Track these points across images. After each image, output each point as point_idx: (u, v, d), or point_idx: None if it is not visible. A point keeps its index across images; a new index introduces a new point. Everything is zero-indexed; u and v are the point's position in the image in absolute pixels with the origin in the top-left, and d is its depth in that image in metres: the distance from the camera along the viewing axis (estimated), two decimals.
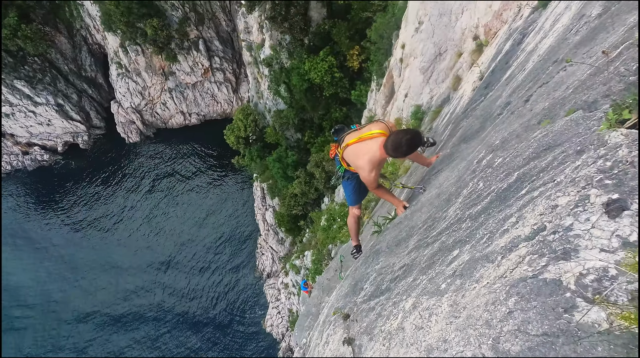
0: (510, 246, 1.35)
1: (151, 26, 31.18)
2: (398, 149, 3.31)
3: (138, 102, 37.53)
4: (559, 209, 1.17)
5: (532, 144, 1.88)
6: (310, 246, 23.77)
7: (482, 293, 1.30)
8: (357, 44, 24.80)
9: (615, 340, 0.79)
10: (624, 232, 0.93)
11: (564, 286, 0.94)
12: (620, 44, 1.80)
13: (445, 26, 10.76)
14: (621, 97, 1.44)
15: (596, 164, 1.17)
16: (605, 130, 1.33)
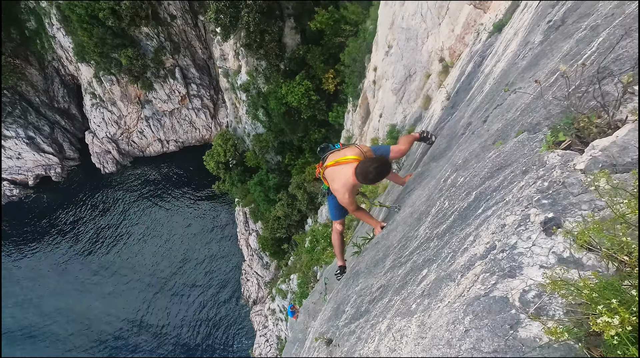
0: (468, 264, 1.42)
1: (126, 56, 31.16)
2: (367, 177, 3.45)
3: (114, 131, 36.92)
4: (506, 228, 1.25)
5: (488, 164, 2.00)
6: (295, 269, 23.41)
7: (444, 312, 1.35)
8: (332, 68, 25.50)
9: (554, 352, 0.85)
10: (558, 249, 1.01)
11: (510, 303, 1.00)
12: (557, 70, 1.97)
13: (412, 50, 11.28)
14: (557, 120, 1.57)
15: (536, 185, 1.27)
16: (545, 151, 1.44)
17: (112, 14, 29.02)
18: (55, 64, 38.14)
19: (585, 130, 1.31)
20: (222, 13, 23.14)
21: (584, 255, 0.95)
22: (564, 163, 1.24)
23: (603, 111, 1.34)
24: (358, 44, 20.99)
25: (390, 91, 13.24)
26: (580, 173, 1.13)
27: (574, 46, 1.89)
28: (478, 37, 6.63)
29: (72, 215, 37.24)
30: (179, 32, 33.58)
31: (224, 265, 35.37)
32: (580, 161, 1.16)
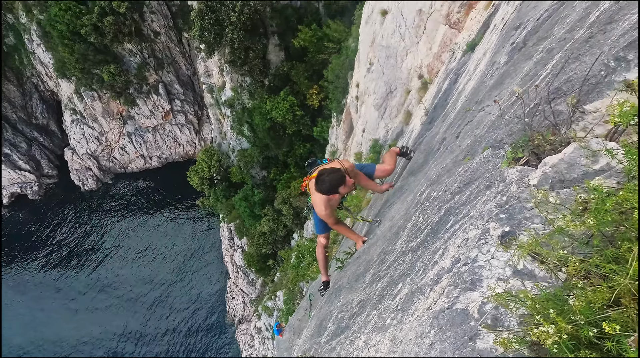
0: (436, 278, 1.46)
1: (108, 72, 30.87)
2: (321, 187, 3.56)
3: (94, 148, 36.18)
4: (469, 241, 1.30)
5: (457, 179, 2.07)
6: (282, 286, 23.06)
7: (414, 326, 1.37)
8: (316, 84, 25.89)
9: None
10: (514, 261, 1.06)
11: (470, 315, 1.04)
12: (520, 88, 2.08)
13: (393, 67, 11.60)
14: (517, 138, 1.65)
15: (496, 199, 1.33)
16: (505, 167, 1.51)
17: (94, 31, 28.88)
18: (34, 79, 37.43)
19: (539, 147, 1.39)
20: (207, 30, 23.34)
21: (535, 266, 1.00)
22: (520, 179, 1.30)
23: (557, 129, 1.43)
24: (341, 61, 21.44)
25: (372, 106, 13.50)
26: (533, 188, 1.19)
27: (533, 67, 2.01)
28: (453, 56, 6.90)
29: (48, 235, 35.91)
30: (163, 48, 33.60)
31: (209, 283, 34.53)
32: (533, 177, 1.23)
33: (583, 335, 0.69)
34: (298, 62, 26.37)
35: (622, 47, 1.32)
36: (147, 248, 35.00)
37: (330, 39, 24.09)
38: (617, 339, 0.65)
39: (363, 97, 15.10)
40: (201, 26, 23.08)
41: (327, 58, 23.97)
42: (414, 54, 10.48)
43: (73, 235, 35.85)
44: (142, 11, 31.06)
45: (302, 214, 26.00)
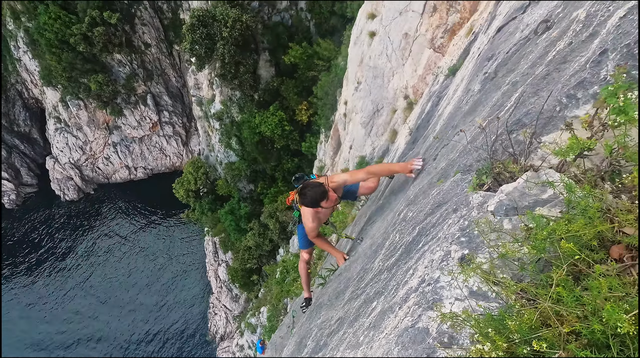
0: (405, 297, 1.53)
1: (96, 81, 30.64)
2: (303, 200, 3.62)
3: (78, 157, 35.48)
4: (434, 263, 1.38)
5: (430, 200, 2.17)
6: (266, 302, 22.68)
7: (382, 343, 1.43)
8: (305, 100, 26.23)
9: None
10: (470, 283, 1.13)
11: (430, 334, 1.11)
12: (488, 116, 2.22)
13: (380, 87, 11.92)
14: (483, 164, 1.76)
15: (459, 223, 1.42)
16: (471, 192, 1.61)
17: (83, 40, 28.76)
18: (18, 87, 36.82)
19: (500, 175, 1.49)
20: (198, 44, 23.55)
21: (488, 288, 1.08)
22: (481, 204, 1.40)
23: (516, 158, 1.54)
24: (330, 78, 21.85)
25: (359, 124, 13.75)
26: (490, 214, 1.29)
27: (500, 98, 2.15)
28: (436, 79, 7.16)
29: (23, 245, 34.63)
30: (153, 60, 33.64)
31: (191, 298, 33.68)
32: (491, 203, 1.32)
33: (519, 353, 0.77)
34: (288, 78, 26.74)
35: (573, 86, 1.46)
36: (127, 261, 34.08)
37: (320, 57, 24.59)
38: (548, 355, 0.72)
39: (351, 114, 15.38)
40: (192, 40, 23.28)
41: (317, 75, 24.40)
42: (400, 75, 10.81)
43: (49, 246, 34.69)
44: (133, 23, 31.18)
45: (288, 229, 25.86)
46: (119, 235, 35.03)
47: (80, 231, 35.25)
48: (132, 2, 30.32)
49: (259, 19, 25.58)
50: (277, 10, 26.28)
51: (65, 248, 34.59)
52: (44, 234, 35.26)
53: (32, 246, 34.67)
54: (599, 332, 0.68)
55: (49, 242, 34.91)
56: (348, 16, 23.51)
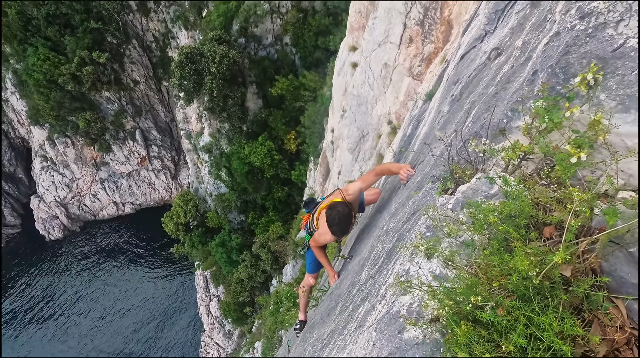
0: (383, 293, 1.68)
1: (84, 119, 30.87)
2: (334, 228, 3.53)
3: (64, 195, 34.99)
4: (406, 258, 1.55)
5: (407, 210, 2.37)
6: (260, 336, 21.99)
7: (364, 336, 1.57)
8: (293, 129, 26.81)
9: (425, 346, 1.10)
10: (434, 268, 1.31)
11: (401, 314, 1.26)
12: (454, 132, 2.47)
13: (364, 113, 12.41)
14: (446, 173, 1.99)
15: (426, 223, 1.61)
16: (437, 196, 1.82)
17: (72, 79, 29.25)
18: (4, 127, 36.77)
19: (460, 179, 1.71)
20: (186, 79, 24.19)
21: (449, 270, 1.25)
22: (443, 204, 1.60)
23: (472, 165, 1.77)
24: (317, 107, 22.54)
25: (346, 150, 14.13)
26: (449, 211, 1.48)
27: (463, 115, 2.42)
28: (415, 104, 7.58)
29: (5, 292, 33.17)
30: (142, 96, 34.23)
31: (181, 337, 32.35)
32: (450, 202, 1.52)
33: (464, 310, 0.93)
34: (276, 109, 27.44)
35: (514, 101, 1.71)
36: (114, 299, 32.87)
37: (306, 88, 25.45)
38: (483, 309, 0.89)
39: (338, 141, 15.80)
40: (181, 76, 23.93)
41: (304, 105, 25.13)
42: (383, 102, 11.32)
43: (33, 287, 33.34)
44: (122, 61, 31.96)
45: (281, 259, 25.56)
46: (105, 273, 33.99)
47: (65, 273, 34.11)
48: (121, 42, 31.23)
49: (246, 54, 26.57)
50: (263, 46, 27.38)
51: (49, 292, 33.28)
52: (27, 277, 33.97)
53: (15, 292, 33.28)
54: (521, 285, 0.86)
55: (33, 287, 33.58)
56: (331, 49, 24.64)
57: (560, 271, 0.88)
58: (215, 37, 24.60)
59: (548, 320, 0.80)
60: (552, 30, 1.64)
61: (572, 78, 1.47)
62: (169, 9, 31.37)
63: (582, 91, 1.43)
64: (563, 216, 1.08)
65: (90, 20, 28.39)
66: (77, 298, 32.84)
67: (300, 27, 26.21)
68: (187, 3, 29.98)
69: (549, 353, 0.79)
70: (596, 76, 1.35)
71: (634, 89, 1.26)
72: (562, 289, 0.88)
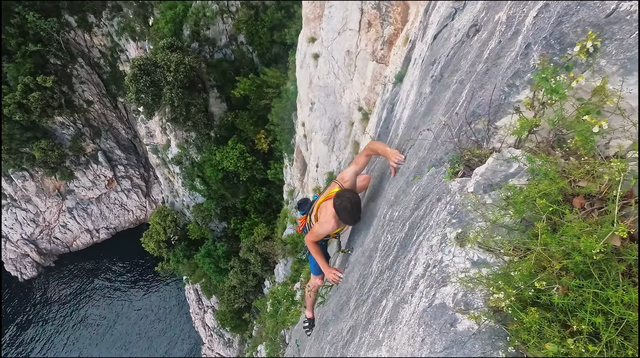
0: (414, 285, 1.68)
1: (39, 149, 29.04)
2: (342, 213, 3.50)
3: (31, 231, 33.00)
4: (433, 247, 1.55)
5: (412, 197, 2.37)
6: (261, 339, 21.89)
7: (404, 331, 1.56)
8: (262, 128, 26.44)
9: (484, 334, 1.10)
10: (470, 255, 1.31)
11: (447, 306, 1.26)
12: (445, 113, 2.49)
13: (333, 103, 12.39)
14: (453, 155, 2.00)
15: (446, 209, 1.61)
16: (448, 181, 1.83)
17: (19, 108, 27.36)
18: None
19: (470, 161, 1.72)
20: (143, 93, 23.22)
21: (487, 256, 1.26)
22: (460, 188, 1.61)
23: (479, 144, 1.78)
24: (283, 103, 22.28)
25: (321, 142, 14.10)
26: (471, 194, 1.49)
27: (452, 96, 2.44)
28: (385, 88, 7.63)
29: None
30: (98, 116, 32.58)
31: (181, 355, 31.67)
32: (470, 186, 1.53)
33: (526, 296, 0.94)
34: (241, 110, 26.91)
35: (510, 76, 1.73)
36: (104, 329, 31.60)
37: (268, 85, 25.07)
38: (547, 293, 0.90)
39: (311, 134, 15.73)
40: (137, 89, 22.94)
41: (269, 103, 24.78)
42: (350, 90, 11.33)
43: (9, 334, 31.44)
44: (71, 82, 30.21)
45: (271, 259, 25.41)
46: (90, 304, 32.56)
47: (45, 313, 32.37)
48: (65, 62, 29.45)
49: (202, 59, 25.78)
50: (218, 48, 26.66)
51: (30, 336, 31.51)
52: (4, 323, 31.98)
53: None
54: (580, 263, 0.87)
55: (10, 334, 31.66)
56: (288, 42, 24.33)
57: (612, 243, 0.90)
58: (166, 45, 23.69)
59: (617, 294, 0.82)
60: (540, 3, 1.65)
61: (569, 48, 1.49)
62: (112, 21, 29.80)
63: (581, 59, 1.45)
64: (592, 186, 1.11)
65: (28, 43, 26.50)
66: (63, 336, 31.33)
67: (253, 24, 25.67)
68: (131, 13, 28.59)
69: (620, 326, 0.81)
70: (595, 43, 1.37)
71: (634, 51, 1.30)
72: (615, 260, 0.90)
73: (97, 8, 29.52)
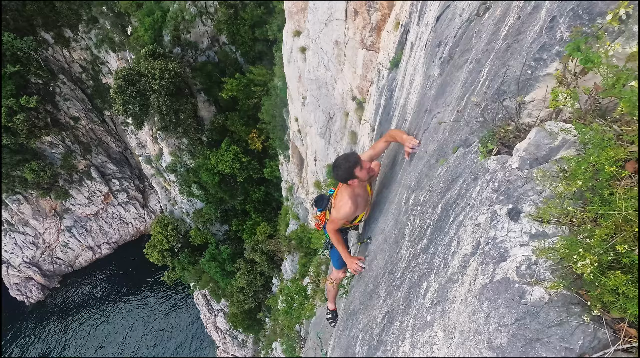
0: (463, 264, 1.72)
1: (30, 171, 28.64)
2: (337, 172, 3.57)
3: (32, 254, 32.71)
4: (482, 225, 1.59)
5: (440, 179, 2.40)
6: (275, 336, 22.07)
7: (461, 309, 1.60)
8: (254, 128, 26.31)
9: (557, 303, 1.14)
10: (527, 228, 1.35)
11: (511, 280, 1.30)
12: (463, 94, 2.51)
13: (326, 95, 12.35)
14: (481, 134, 2.02)
15: (489, 187, 1.64)
16: (483, 159, 1.86)
17: (5, 132, 26.90)
18: None
19: (505, 137, 1.75)
20: (130, 104, 22.92)
21: (545, 227, 1.30)
22: (502, 165, 1.64)
23: (510, 120, 1.81)
24: (272, 100, 22.15)
25: (317, 135, 14.09)
26: (517, 170, 1.52)
27: (468, 76, 2.46)
28: (380, 74, 7.62)
29: None
30: (86, 132, 32.15)
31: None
32: (514, 162, 1.56)
33: (604, 261, 0.98)
34: (231, 111, 26.72)
35: (536, 50, 1.75)
36: (119, 347, 31.60)
37: (255, 83, 24.88)
38: (628, 255, 0.94)
39: (305, 129, 15.70)
40: (124, 101, 22.63)
41: (258, 101, 24.63)
42: (342, 80, 11.30)
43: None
44: (54, 100, 29.71)
45: (276, 257, 25.50)
46: (102, 319, 32.49)
47: (58, 334, 32.24)
48: (47, 80, 28.91)
49: (186, 63, 25.48)
50: (201, 51, 26.33)
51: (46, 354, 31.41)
52: (19, 349, 31.81)
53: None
54: None
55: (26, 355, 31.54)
56: (271, 39, 24.10)
57: None
58: (148, 52, 23.33)
59: None
60: None
61: (599, 17, 1.51)
62: (90, 34, 29.23)
63: (612, 27, 1.48)
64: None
65: (7, 65, 25.94)
66: (76, 350, 31.30)
67: (233, 24, 25.36)
68: (108, 24, 28.06)
69: None
70: (627, 10, 1.39)
71: None
72: None
73: (72, 22, 28.91)
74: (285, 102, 19.48)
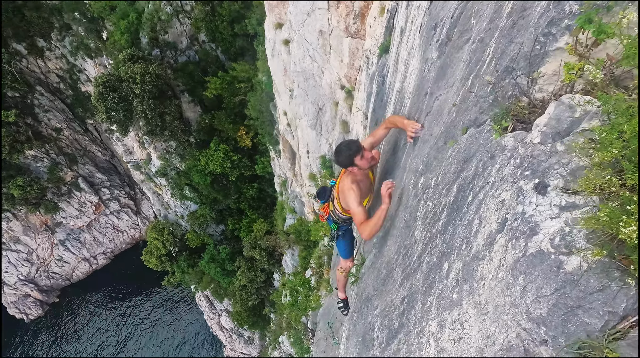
0: (489, 241, 1.75)
1: (17, 187, 27.97)
2: (338, 158, 3.66)
3: (27, 271, 32.15)
4: (507, 202, 1.62)
5: (452, 161, 2.43)
6: (282, 330, 22.23)
7: (493, 285, 1.64)
8: (241, 125, 26.06)
9: (596, 270, 1.18)
10: (556, 201, 1.38)
11: (546, 252, 1.33)
12: (468, 74, 2.52)
13: (314, 87, 12.27)
14: (492, 112, 2.05)
15: (510, 163, 1.67)
16: (499, 138, 1.88)
17: None
18: None
19: (519, 114, 1.78)
20: (114, 110, 22.44)
21: (575, 198, 1.33)
22: (521, 142, 1.66)
23: (523, 96, 1.83)
24: (258, 96, 21.92)
25: (307, 127, 14.03)
26: (539, 145, 1.55)
27: (472, 56, 2.47)
28: (369, 61, 7.59)
29: None
30: (70, 142, 31.44)
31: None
32: (535, 137, 1.59)
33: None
34: (217, 110, 26.40)
35: (545, 25, 1.77)
36: (124, 352, 31.50)
37: (240, 80, 24.56)
38: None
39: (295, 122, 15.61)
40: (106, 108, 22.14)
41: (244, 98, 24.35)
42: (329, 70, 11.22)
43: None
44: (34, 113, 28.92)
45: (276, 252, 25.56)
46: (105, 329, 32.28)
47: (62, 347, 31.93)
48: (24, 92, 28.08)
49: (166, 65, 24.98)
50: (181, 51, 25.83)
51: None
52: None
53: None
54: None
55: None
56: (251, 33, 23.74)
57: None
58: (127, 56, 22.79)
59: None
60: None
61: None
62: (64, 42, 28.36)
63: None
64: None
65: None
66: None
67: (211, 21, 24.89)
68: (82, 30, 27.24)
69: None
70: None
71: None
72: None
73: (44, 31, 28.00)
74: (271, 97, 19.30)
